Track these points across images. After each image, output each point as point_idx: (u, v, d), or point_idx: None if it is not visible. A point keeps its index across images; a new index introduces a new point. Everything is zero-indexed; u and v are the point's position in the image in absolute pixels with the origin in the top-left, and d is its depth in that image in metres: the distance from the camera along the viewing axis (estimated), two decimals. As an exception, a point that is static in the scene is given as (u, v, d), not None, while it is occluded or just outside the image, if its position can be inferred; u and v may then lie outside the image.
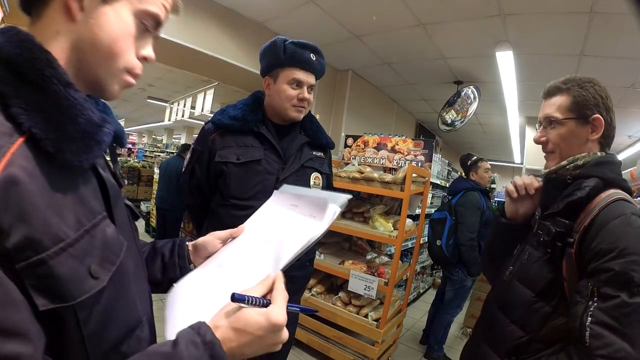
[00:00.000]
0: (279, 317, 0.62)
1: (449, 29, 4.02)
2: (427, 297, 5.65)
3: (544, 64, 4.40)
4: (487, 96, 5.62)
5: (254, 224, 0.95)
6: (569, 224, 1.06)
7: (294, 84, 1.61)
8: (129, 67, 0.63)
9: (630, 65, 4.04)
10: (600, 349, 0.88)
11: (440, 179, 4.80)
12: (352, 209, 3.47)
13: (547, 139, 1.21)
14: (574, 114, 1.15)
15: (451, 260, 3.42)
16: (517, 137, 8.35)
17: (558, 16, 3.40)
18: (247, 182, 1.61)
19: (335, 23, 4.21)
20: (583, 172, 1.11)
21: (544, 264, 1.11)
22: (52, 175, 0.51)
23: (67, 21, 0.57)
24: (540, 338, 1.07)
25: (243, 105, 1.70)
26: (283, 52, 1.59)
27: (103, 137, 0.58)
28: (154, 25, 0.65)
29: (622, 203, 1.01)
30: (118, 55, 0.61)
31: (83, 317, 0.53)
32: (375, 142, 3.93)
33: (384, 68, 5.54)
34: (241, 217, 1.63)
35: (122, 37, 0.60)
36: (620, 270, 0.90)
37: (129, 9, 0.61)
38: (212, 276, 0.84)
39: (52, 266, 0.48)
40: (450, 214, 3.45)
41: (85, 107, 0.55)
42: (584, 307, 0.94)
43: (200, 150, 1.69)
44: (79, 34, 0.57)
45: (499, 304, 1.24)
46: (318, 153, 1.80)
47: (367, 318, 3.05)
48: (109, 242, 0.59)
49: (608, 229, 0.96)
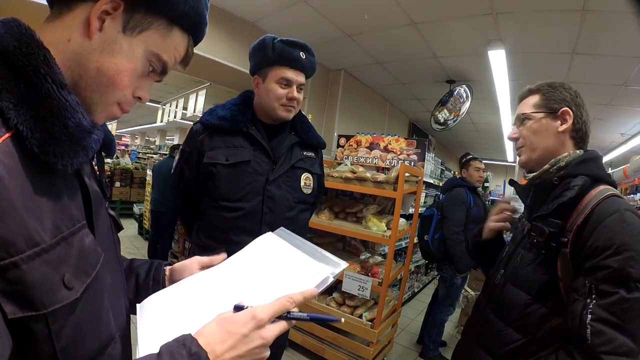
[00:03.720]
0: (261, 313, 0.62)
1: (441, 28, 4.02)
2: (421, 296, 5.66)
3: (537, 63, 4.42)
4: (479, 95, 5.62)
5: (241, 257, 0.89)
6: (561, 223, 1.05)
7: (283, 83, 1.59)
8: (123, 101, 0.64)
9: (622, 63, 4.07)
10: (602, 346, 0.88)
11: (434, 178, 4.81)
12: (345, 209, 3.46)
13: (519, 135, 1.25)
14: (543, 109, 1.20)
15: (436, 254, 3.49)
16: (510, 135, 8.36)
17: (550, 14, 3.41)
18: (237, 183, 1.59)
19: (327, 22, 4.19)
20: (569, 172, 1.11)
21: (538, 265, 1.11)
22: (33, 176, 0.50)
23: (82, 35, 0.57)
24: (537, 339, 1.07)
25: (232, 105, 1.67)
26: (272, 50, 1.56)
27: (91, 144, 0.57)
28: (160, 70, 0.67)
29: (614, 199, 1.01)
30: (118, 87, 0.61)
31: (55, 329, 0.50)
32: (367, 142, 3.92)
33: (377, 67, 5.53)
34: (231, 219, 1.62)
35: (127, 72, 0.61)
36: (618, 267, 0.90)
37: (142, 48, 0.62)
38: (180, 296, 0.79)
39: (25, 271, 0.46)
40: (438, 210, 3.54)
41: (77, 110, 0.54)
42: (582, 304, 0.94)
43: (188, 151, 1.66)
44: (89, 53, 0.58)
45: (493, 308, 1.24)
46: (309, 153, 1.78)
47: (361, 318, 3.04)
48: (86, 252, 0.57)
49: (603, 226, 0.96)
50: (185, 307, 0.74)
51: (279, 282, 0.77)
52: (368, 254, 3.34)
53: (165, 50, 0.65)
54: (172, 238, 5.10)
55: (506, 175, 12.62)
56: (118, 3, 0.58)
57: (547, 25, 3.59)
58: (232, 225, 1.59)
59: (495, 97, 5.71)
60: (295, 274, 0.79)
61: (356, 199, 3.73)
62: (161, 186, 5.15)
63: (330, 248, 3.65)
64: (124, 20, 0.59)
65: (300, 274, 0.79)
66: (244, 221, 1.59)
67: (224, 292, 0.75)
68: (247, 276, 0.81)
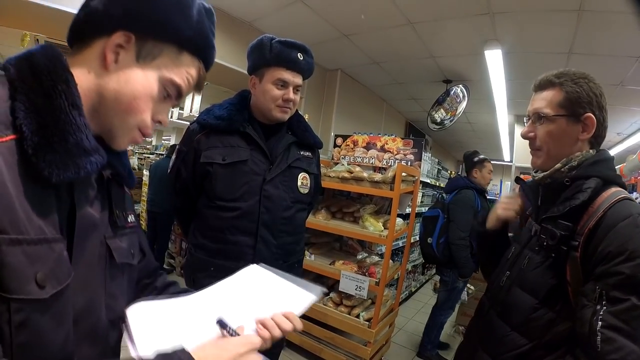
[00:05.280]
0: (255, 339, 0.70)
1: (437, 28, 4.02)
2: (419, 295, 5.67)
3: (533, 62, 4.42)
4: (476, 95, 5.64)
5: (229, 282, 0.91)
6: (572, 226, 1.02)
7: (279, 84, 1.58)
8: (142, 125, 0.69)
9: (618, 62, 4.08)
10: (613, 354, 0.86)
11: (430, 178, 4.81)
12: (342, 209, 3.46)
13: (535, 134, 1.15)
14: (565, 111, 1.09)
15: (441, 259, 3.39)
16: (507, 135, 8.41)
17: (547, 14, 3.41)
18: (233, 183, 1.58)
19: (324, 22, 4.19)
20: (581, 173, 1.06)
21: (547, 269, 1.07)
22: (27, 180, 0.53)
23: (100, 66, 0.64)
24: (543, 344, 1.04)
25: (229, 104, 1.67)
26: (269, 50, 1.56)
27: (85, 164, 0.59)
28: (175, 94, 0.72)
29: (627, 203, 0.98)
30: (135, 112, 0.66)
31: (16, 320, 0.50)
32: (364, 142, 3.93)
33: (373, 67, 5.54)
34: (227, 219, 1.62)
35: (143, 97, 0.66)
36: (631, 274, 0.87)
37: (156, 74, 0.68)
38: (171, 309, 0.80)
39: (4, 252, 0.48)
40: (443, 211, 3.41)
41: (82, 131, 0.58)
42: (592, 310, 0.91)
43: (185, 151, 1.66)
44: (107, 82, 0.64)
45: (497, 311, 1.20)
46: (306, 153, 1.78)
47: (358, 318, 3.04)
48: (63, 262, 0.58)
49: (616, 231, 0.93)
50: (176, 319, 0.76)
51: (265, 306, 0.82)
52: (365, 254, 3.34)
53: (177, 74, 0.70)
54: (168, 239, 5.09)
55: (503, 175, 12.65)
56: (129, 36, 0.64)
57: (544, 25, 3.60)
58: (229, 225, 1.59)
59: (492, 97, 5.73)
60: (281, 299, 0.87)
61: (353, 199, 3.73)
62: (157, 186, 5.12)
63: (328, 248, 3.66)
64: (136, 50, 0.66)
65: (286, 299, 0.86)
66: (241, 221, 1.59)
67: (215, 312, 0.77)
68: (236, 299, 0.85)
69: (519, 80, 4.97)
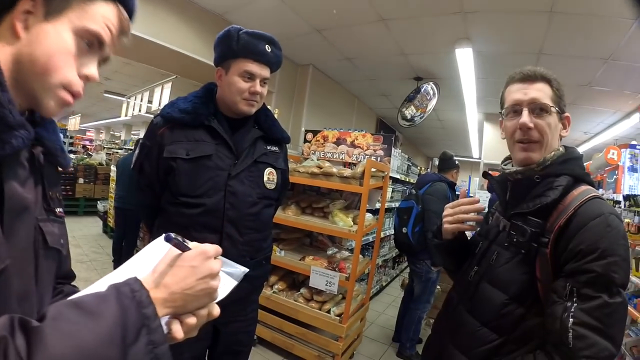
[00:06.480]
0: (207, 247, 0.69)
1: (409, 25, 4.07)
2: (390, 290, 5.73)
3: (503, 62, 4.53)
4: (446, 92, 5.74)
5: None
6: (542, 223, 1.02)
7: (246, 77, 1.54)
8: (65, 83, 0.64)
9: (587, 64, 4.22)
10: (585, 350, 0.87)
11: (400, 174, 4.86)
12: (312, 205, 3.45)
13: (533, 126, 1.09)
14: (556, 106, 1.10)
15: (416, 247, 3.44)
16: (476, 132, 8.59)
17: (518, 15, 3.49)
18: (197, 178, 1.54)
19: (296, 16, 4.16)
20: (552, 171, 1.07)
21: (517, 265, 1.07)
22: None
23: (12, 37, 0.62)
24: (513, 339, 1.05)
25: (194, 97, 1.62)
26: (236, 42, 1.52)
27: (10, 139, 0.57)
28: (97, 44, 0.68)
29: (598, 201, 0.99)
30: (53, 71, 0.62)
31: None
32: (334, 137, 3.93)
33: (345, 63, 5.55)
34: (191, 215, 1.58)
35: (58, 54, 0.63)
36: (602, 272, 0.89)
37: (68, 27, 0.64)
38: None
39: None
40: (417, 202, 3.48)
41: (4, 106, 0.56)
42: (562, 307, 0.92)
43: (149, 145, 1.60)
44: (21, 49, 0.61)
45: (467, 306, 1.19)
46: (273, 147, 1.74)
47: (329, 313, 3.05)
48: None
49: (587, 230, 0.94)
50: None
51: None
52: (335, 249, 3.35)
53: (91, 21, 0.66)
54: (137, 236, 4.96)
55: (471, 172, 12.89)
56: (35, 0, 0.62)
57: (515, 25, 3.68)
58: (193, 222, 1.54)
59: (462, 95, 5.84)
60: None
61: (323, 194, 3.74)
62: (126, 182, 4.97)
63: (298, 244, 3.65)
64: (44, 10, 0.62)
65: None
66: (206, 217, 1.54)
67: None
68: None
69: (489, 79, 5.08)
